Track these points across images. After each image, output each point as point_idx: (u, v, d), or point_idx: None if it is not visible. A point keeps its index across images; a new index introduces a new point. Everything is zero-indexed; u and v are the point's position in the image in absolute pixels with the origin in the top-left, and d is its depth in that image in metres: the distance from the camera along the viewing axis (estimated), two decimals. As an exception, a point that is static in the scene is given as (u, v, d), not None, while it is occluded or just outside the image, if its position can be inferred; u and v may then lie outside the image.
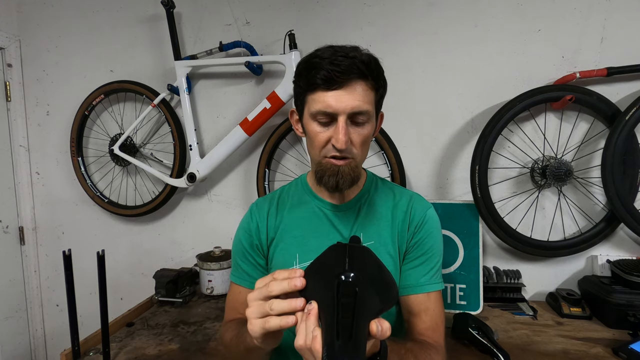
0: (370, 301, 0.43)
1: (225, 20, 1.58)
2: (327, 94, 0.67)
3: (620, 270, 1.19)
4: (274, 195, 0.88)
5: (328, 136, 0.70)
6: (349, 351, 0.39)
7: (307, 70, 0.69)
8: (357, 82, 0.67)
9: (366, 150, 0.76)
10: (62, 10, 1.74)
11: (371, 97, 0.70)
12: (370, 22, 1.46)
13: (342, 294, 0.42)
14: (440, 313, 0.78)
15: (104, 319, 1.02)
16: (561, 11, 1.31)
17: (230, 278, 0.87)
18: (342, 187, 0.73)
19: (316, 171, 0.76)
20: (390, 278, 0.48)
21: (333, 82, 0.66)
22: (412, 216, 0.81)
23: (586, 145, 1.33)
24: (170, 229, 1.72)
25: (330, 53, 0.67)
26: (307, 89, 0.70)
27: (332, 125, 0.70)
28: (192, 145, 1.52)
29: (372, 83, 0.69)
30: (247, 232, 0.85)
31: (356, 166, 0.74)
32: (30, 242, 1.84)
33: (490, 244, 1.43)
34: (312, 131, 0.72)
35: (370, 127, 0.72)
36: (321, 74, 0.66)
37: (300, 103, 0.74)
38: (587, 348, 1.03)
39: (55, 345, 1.90)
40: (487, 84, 1.39)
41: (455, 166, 1.45)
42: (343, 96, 0.66)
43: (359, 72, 0.66)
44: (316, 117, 0.70)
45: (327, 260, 0.47)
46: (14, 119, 1.78)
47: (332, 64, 0.65)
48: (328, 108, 0.67)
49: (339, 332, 0.40)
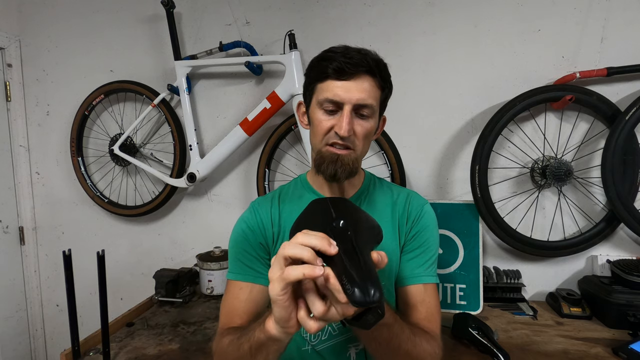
0: (363, 238, 0.49)
1: (225, 20, 1.58)
2: (336, 83, 0.70)
3: (620, 270, 1.19)
4: (274, 194, 0.88)
5: (332, 124, 0.73)
6: (366, 274, 0.43)
7: (320, 61, 0.72)
8: (365, 76, 0.71)
9: (367, 146, 0.78)
10: (62, 10, 1.74)
11: (377, 94, 0.73)
12: (371, 22, 1.46)
13: (340, 239, 0.47)
14: (436, 305, 0.79)
15: (104, 319, 1.02)
16: (561, 11, 1.31)
17: (227, 277, 0.82)
18: (340, 176, 0.74)
19: (315, 159, 0.77)
20: (370, 218, 0.55)
21: (343, 73, 0.69)
22: (409, 211, 0.83)
23: (586, 145, 1.33)
24: (170, 229, 1.72)
25: (343, 48, 0.71)
26: (317, 79, 0.73)
27: (337, 114, 0.73)
28: (192, 145, 1.52)
29: (380, 81, 0.73)
30: (250, 229, 0.82)
31: (356, 159, 0.76)
32: (30, 242, 1.84)
33: (490, 244, 1.44)
34: (317, 119, 0.75)
35: (373, 123, 0.75)
36: (333, 64, 0.69)
37: (309, 93, 0.77)
38: (587, 348, 1.03)
39: (55, 345, 1.90)
40: (487, 84, 1.39)
41: (455, 166, 1.45)
42: (351, 87, 0.70)
43: (369, 67, 0.70)
44: (323, 105, 0.73)
45: (312, 214, 0.54)
46: (14, 119, 1.78)
47: (344, 56, 0.69)
48: (336, 97, 0.70)
49: (349, 264, 0.44)
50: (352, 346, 0.81)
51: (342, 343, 0.81)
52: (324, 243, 0.45)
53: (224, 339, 0.70)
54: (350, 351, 0.81)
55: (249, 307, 0.78)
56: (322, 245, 0.45)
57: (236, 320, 0.77)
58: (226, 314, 0.79)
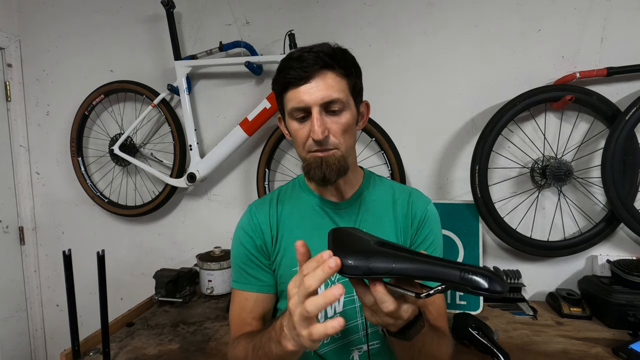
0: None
1: (225, 20, 1.58)
2: (298, 90, 0.69)
3: (620, 270, 1.19)
4: (272, 196, 0.87)
5: (307, 131, 0.71)
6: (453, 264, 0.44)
7: (279, 73, 0.72)
8: (324, 72, 0.69)
9: (350, 140, 0.75)
10: (62, 10, 1.74)
11: (343, 86, 0.71)
12: (371, 22, 1.46)
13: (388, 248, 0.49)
14: (443, 304, 0.82)
15: (104, 319, 1.02)
16: (561, 11, 1.31)
17: (232, 286, 0.83)
18: (330, 177, 0.73)
19: (303, 168, 0.77)
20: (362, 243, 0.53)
21: (301, 78, 0.68)
22: (413, 212, 0.83)
23: (586, 145, 1.33)
24: (170, 229, 1.72)
25: (298, 53, 0.70)
26: (281, 91, 0.73)
27: (309, 120, 0.71)
28: (192, 145, 1.52)
29: (341, 71, 0.71)
30: (249, 234, 0.82)
31: (342, 156, 0.73)
32: (30, 242, 1.84)
33: (490, 244, 1.44)
34: (293, 130, 0.74)
35: (349, 116, 0.72)
36: (290, 73, 0.69)
37: (281, 107, 0.77)
38: (587, 348, 1.03)
39: (55, 345, 1.90)
40: (487, 84, 1.39)
41: (455, 166, 1.45)
42: (312, 88, 0.69)
43: (323, 62, 0.68)
44: (293, 114, 0.72)
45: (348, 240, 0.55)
46: (14, 119, 1.78)
47: (298, 61, 0.68)
48: (300, 103, 0.69)
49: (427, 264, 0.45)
50: (355, 349, 0.81)
51: (345, 346, 0.81)
52: (324, 267, 0.46)
53: (237, 348, 0.73)
54: (353, 354, 0.81)
55: (256, 315, 0.81)
56: (326, 270, 0.46)
57: (246, 328, 0.79)
58: (235, 324, 0.81)
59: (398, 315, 0.48)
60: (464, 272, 0.42)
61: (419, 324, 0.53)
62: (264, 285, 0.81)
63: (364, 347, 0.81)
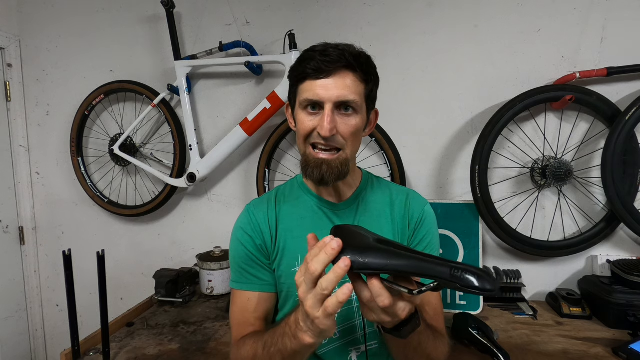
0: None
1: (225, 20, 1.58)
2: (315, 83, 0.69)
3: (620, 270, 1.19)
4: (271, 196, 0.86)
5: (314, 125, 0.71)
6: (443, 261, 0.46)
7: (300, 62, 0.72)
8: (345, 72, 0.69)
9: (356, 144, 0.75)
10: (62, 10, 1.74)
11: (360, 89, 0.71)
12: (370, 22, 1.46)
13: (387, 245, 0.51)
14: (440, 304, 0.82)
15: (104, 319, 1.02)
16: (561, 11, 1.31)
17: (232, 287, 0.81)
18: (328, 179, 0.72)
19: (301, 162, 0.76)
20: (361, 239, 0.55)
21: (321, 71, 0.68)
22: (411, 213, 0.83)
23: (586, 145, 1.33)
24: (170, 229, 1.72)
25: (322, 47, 0.70)
26: (298, 80, 0.72)
27: (320, 114, 0.71)
28: (192, 145, 1.52)
29: (361, 75, 0.71)
30: (249, 234, 0.81)
31: (345, 160, 0.74)
32: (30, 242, 1.84)
33: (490, 244, 1.43)
34: (300, 120, 0.74)
35: (360, 120, 0.72)
36: (311, 64, 0.68)
37: (293, 96, 0.76)
38: (587, 348, 1.03)
39: (55, 345, 1.90)
40: (487, 84, 1.39)
41: (455, 166, 1.45)
42: (330, 85, 0.68)
43: (347, 62, 0.68)
44: (305, 106, 0.72)
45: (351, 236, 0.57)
46: (14, 119, 1.78)
47: (322, 54, 0.68)
48: (315, 96, 0.69)
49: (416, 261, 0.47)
50: (353, 349, 0.81)
51: (343, 347, 0.81)
52: (327, 249, 0.48)
53: (244, 348, 0.71)
54: (351, 354, 0.81)
55: (259, 315, 0.80)
56: (329, 252, 0.48)
57: (249, 329, 0.77)
58: (237, 325, 0.79)
59: (394, 313, 0.50)
60: (454, 269, 0.43)
61: (414, 321, 0.54)
62: (265, 284, 0.80)
63: (362, 348, 0.81)
